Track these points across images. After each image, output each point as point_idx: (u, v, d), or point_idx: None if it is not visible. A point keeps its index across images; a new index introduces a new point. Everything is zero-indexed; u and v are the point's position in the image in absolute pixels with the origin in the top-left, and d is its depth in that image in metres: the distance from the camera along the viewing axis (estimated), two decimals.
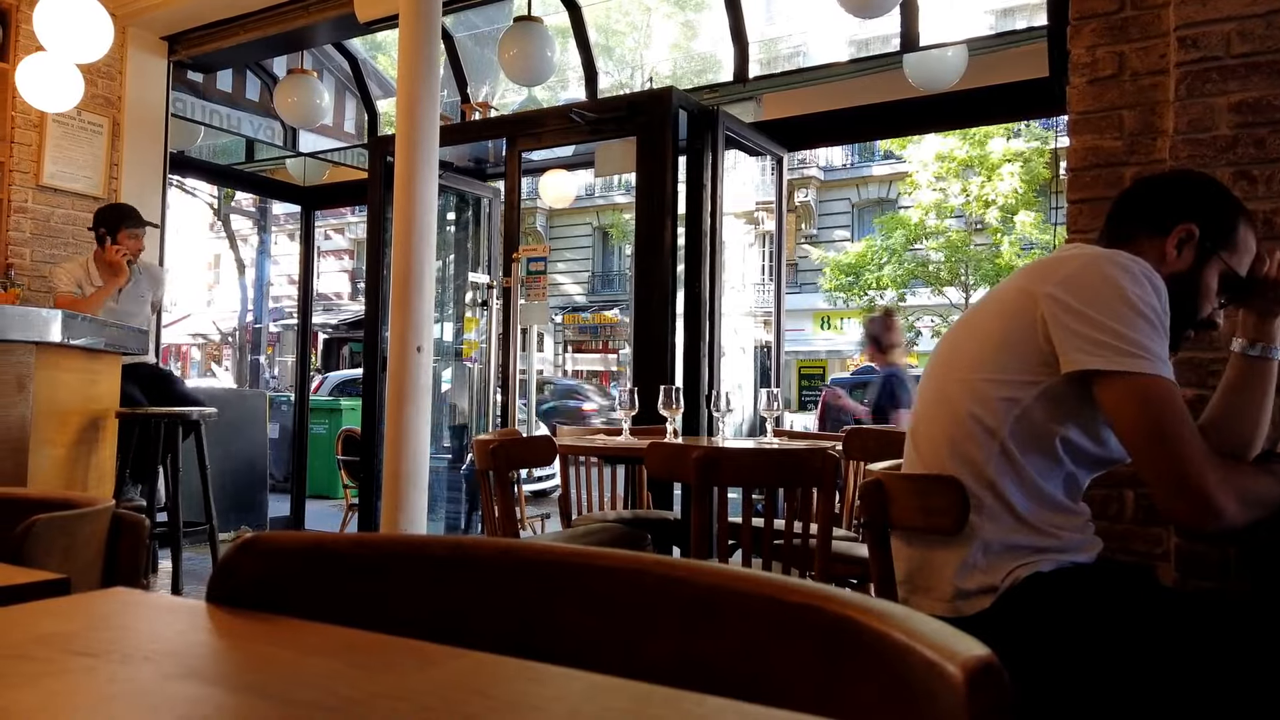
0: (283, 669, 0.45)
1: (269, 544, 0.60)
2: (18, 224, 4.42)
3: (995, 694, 0.38)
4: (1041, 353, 1.30)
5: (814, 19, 17.92)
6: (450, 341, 5.77)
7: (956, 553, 1.34)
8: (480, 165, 5.67)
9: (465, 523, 5.53)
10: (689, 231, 4.06)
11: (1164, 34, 2.16)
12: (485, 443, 2.42)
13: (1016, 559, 1.31)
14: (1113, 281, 1.26)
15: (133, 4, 4.64)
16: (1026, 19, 13.75)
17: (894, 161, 17.81)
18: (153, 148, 4.96)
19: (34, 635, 0.48)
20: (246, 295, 16.31)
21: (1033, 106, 4.23)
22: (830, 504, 2.14)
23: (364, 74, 6.09)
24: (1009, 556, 1.31)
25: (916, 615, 0.44)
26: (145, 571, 1.97)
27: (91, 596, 0.59)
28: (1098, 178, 2.26)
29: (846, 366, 16.76)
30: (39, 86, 3.87)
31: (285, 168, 6.73)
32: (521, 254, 4.50)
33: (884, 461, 1.60)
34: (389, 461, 2.45)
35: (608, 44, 18.65)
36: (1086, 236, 2.25)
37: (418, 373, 2.45)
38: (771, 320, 4.92)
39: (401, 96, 2.48)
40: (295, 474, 6.22)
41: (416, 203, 2.46)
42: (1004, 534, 1.32)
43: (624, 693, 0.41)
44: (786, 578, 0.50)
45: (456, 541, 0.61)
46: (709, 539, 2.07)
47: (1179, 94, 2.01)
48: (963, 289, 15.25)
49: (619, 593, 0.54)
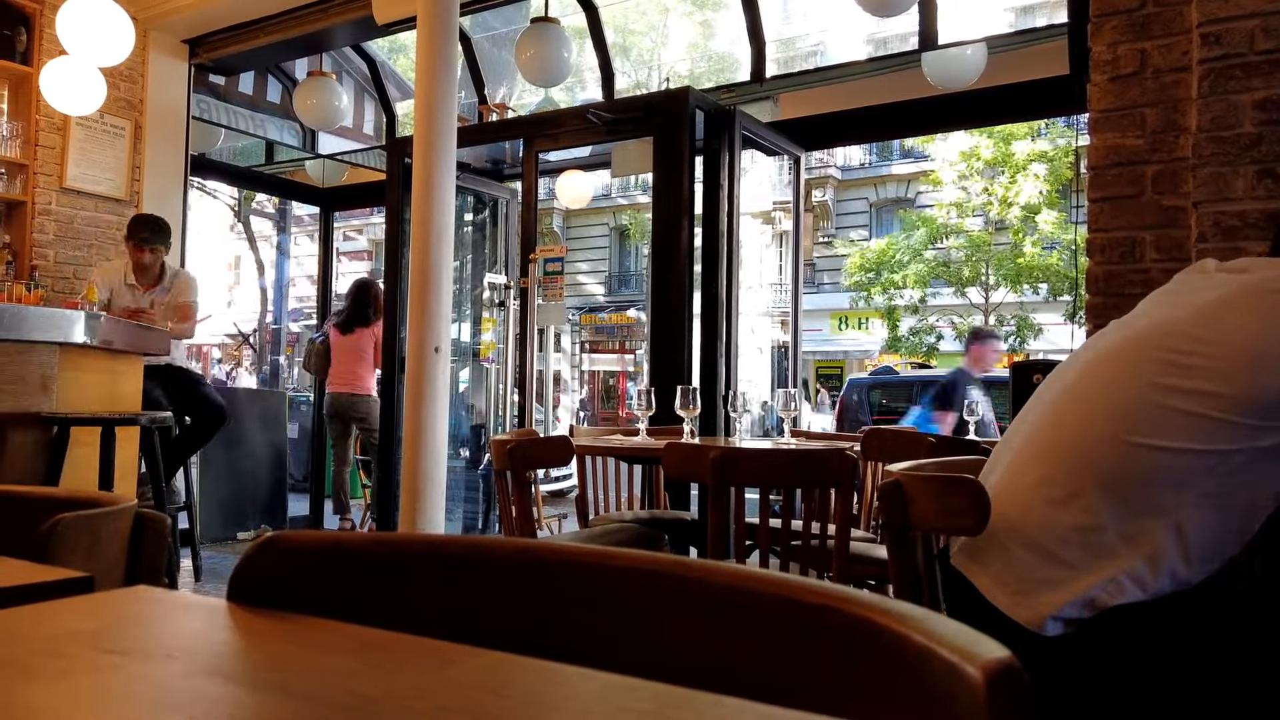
0: (302, 667, 0.46)
1: (288, 543, 0.60)
2: (41, 226, 4.47)
3: (1016, 696, 0.38)
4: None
5: (831, 18, 17.87)
6: (468, 342, 5.80)
7: (1082, 580, 1.22)
8: (498, 166, 5.69)
9: (483, 522, 5.55)
10: (706, 231, 4.05)
11: (1186, 31, 2.14)
12: (502, 443, 2.42)
13: (1123, 589, 1.20)
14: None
15: (154, 8, 4.69)
16: (1047, 16, 13.66)
17: (912, 160, 17.71)
18: (174, 150, 5.01)
19: (61, 632, 0.49)
20: (266, 296, 16.43)
21: (1053, 105, 4.20)
22: (848, 505, 2.13)
23: (382, 76, 6.12)
24: (1116, 586, 1.20)
25: (935, 617, 0.44)
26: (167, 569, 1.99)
27: (115, 595, 0.60)
28: (1119, 176, 2.24)
29: (865, 367, 16.68)
30: (62, 90, 3.91)
31: (305, 169, 6.78)
32: (538, 254, 4.51)
33: (902, 462, 1.59)
34: (407, 461, 2.47)
35: (624, 44, 18.66)
36: (1108, 235, 2.23)
37: (435, 373, 2.47)
38: (789, 320, 4.90)
39: (419, 98, 2.49)
40: (314, 474, 6.26)
41: (434, 204, 2.47)
42: (1117, 554, 1.21)
43: (641, 693, 0.41)
44: (804, 578, 0.50)
45: (474, 541, 0.61)
46: (726, 539, 2.06)
47: (1202, 91, 1.99)
48: (984, 289, 15.13)
49: (636, 593, 0.54)
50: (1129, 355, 1.32)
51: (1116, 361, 1.34)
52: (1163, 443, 1.21)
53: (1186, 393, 1.21)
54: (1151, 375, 1.26)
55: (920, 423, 4.96)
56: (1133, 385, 1.28)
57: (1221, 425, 1.19)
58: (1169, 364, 1.25)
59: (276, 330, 16.20)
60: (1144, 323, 1.37)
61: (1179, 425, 1.21)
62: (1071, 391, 1.38)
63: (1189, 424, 1.20)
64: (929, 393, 5.24)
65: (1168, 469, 1.21)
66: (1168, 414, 1.22)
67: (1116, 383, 1.31)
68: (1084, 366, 1.39)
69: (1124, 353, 1.33)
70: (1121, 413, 1.27)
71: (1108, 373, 1.34)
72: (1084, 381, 1.37)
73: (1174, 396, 1.22)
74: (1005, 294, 14.93)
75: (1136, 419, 1.24)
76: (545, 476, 7.30)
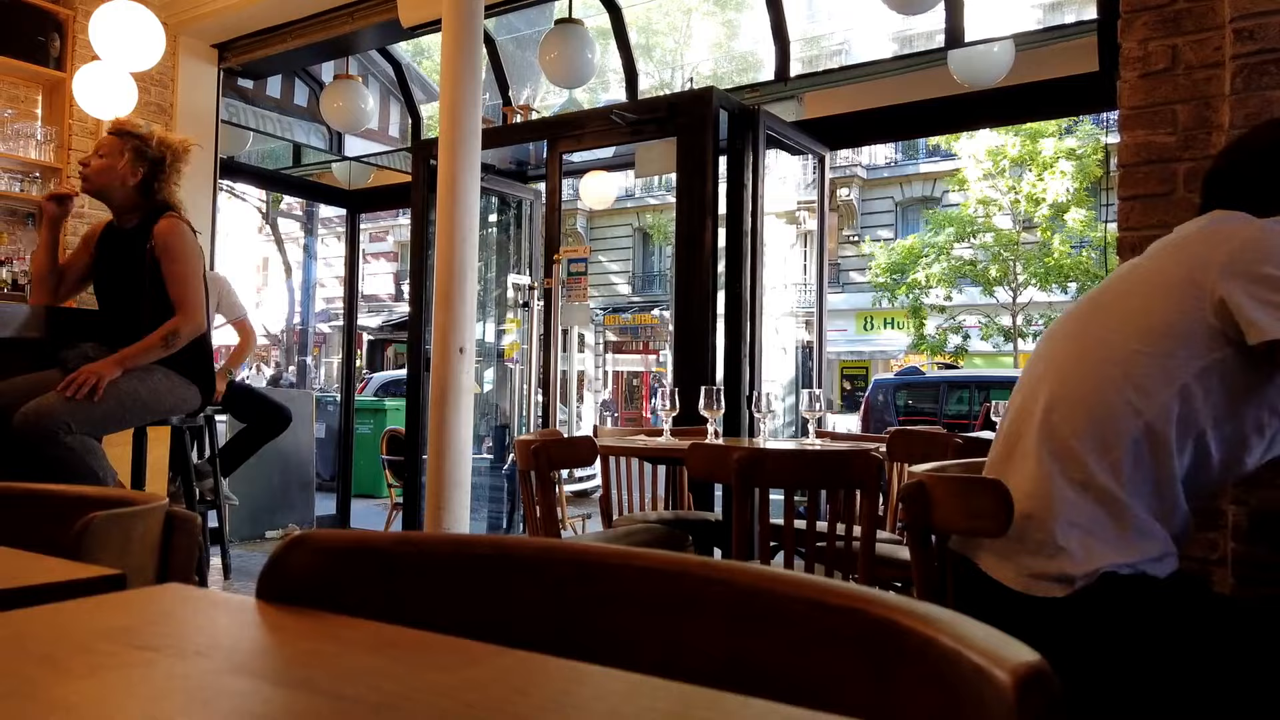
0: (329, 665, 0.46)
1: (316, 542, 0.61)
2: (74, 229, 4.54)
3: (1046, 700, 0.38)
4: (1210, 329, 1.26)
5: (857, 16, 17.76)
6: (492, 342, 5.82)
7: (1045, 527, 1.29)
8: (521, 167, 5.71)
9: (507, 522, 5.57)
10: (729, 231, 4.04)
11: (1219, 26, 2.11)
12: (527, 443, 2.43)
13: (1105, 556, 1.26)
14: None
15: (184, 13, 4.76)
16: (1075, 12, 13.50)
17: (938, 159, 17.55)
18: (203, 153, 5.06)
19: (95, 629, 0.50)
20: (294, 297, 16.60)
21: (1082, 102, 4.15)
22: (874, 506, 2.11)
23: (408, 79, 6.17)
24: (1098, 551, 1.26)
25: (963, 619, 0.43)
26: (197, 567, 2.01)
27: (147, 592, 0.60)
28: (1150, 174, 2.21)
29: (890, 367, 16.56)
30: (95, 95, 3.98)
31: (331, 171, 6.84)
32: (562, 255, 4.52)
33: (927, 463, 1.58)
34: (432, 461, 2.48)
35: (648, 44, 18.66)
36: (1139, 234, 2.20)
37: (460, 373, 2.48)
38: (813, 320, 4.88)
39: (444, 100, 2.51)
40: (341, 473, 6.32)
41: (459, 205, 2.48)
42: (1104, 521, 1.27)
43: (666, 693, 0.41)
44: (829, 580, 0.50)
45: (498, 541, 0.61)
46: (750, 540, 2.06)
47: (1235, 87, 1.95)
48: (1011, 289, 14.96)
49: (660, 593, 0.54)
50: (1091, 324, 1.42)
51: (1080, 331, 1.44)
52: (1134, 399, 1.29)
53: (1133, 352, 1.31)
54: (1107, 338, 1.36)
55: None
56: (1092, 354, 1.37)
57: (1156, 361, 1.28)
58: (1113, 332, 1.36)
59: (304, 331, 16.36)
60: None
61: (1146, 374, 1.29)
62: (1038, 363, 1.47)
63: (1152, 370, 1.28)
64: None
65: (1137, 424, 1.28)
66: (1130, 366, 1.31)
67: (1074, 355, 1.40)
68: (1050, 340, 1.49)
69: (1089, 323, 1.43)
70: (1088, 382, 1.35)
71: (1061, 347, 1.44)
72: (1045, 356, 1.46)
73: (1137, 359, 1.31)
74: (1034, 293, 14.76)
75: (1099, 384, 1.33)
76: (569, 477, 7.32)
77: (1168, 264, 1.35)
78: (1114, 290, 1.43)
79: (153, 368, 2.73)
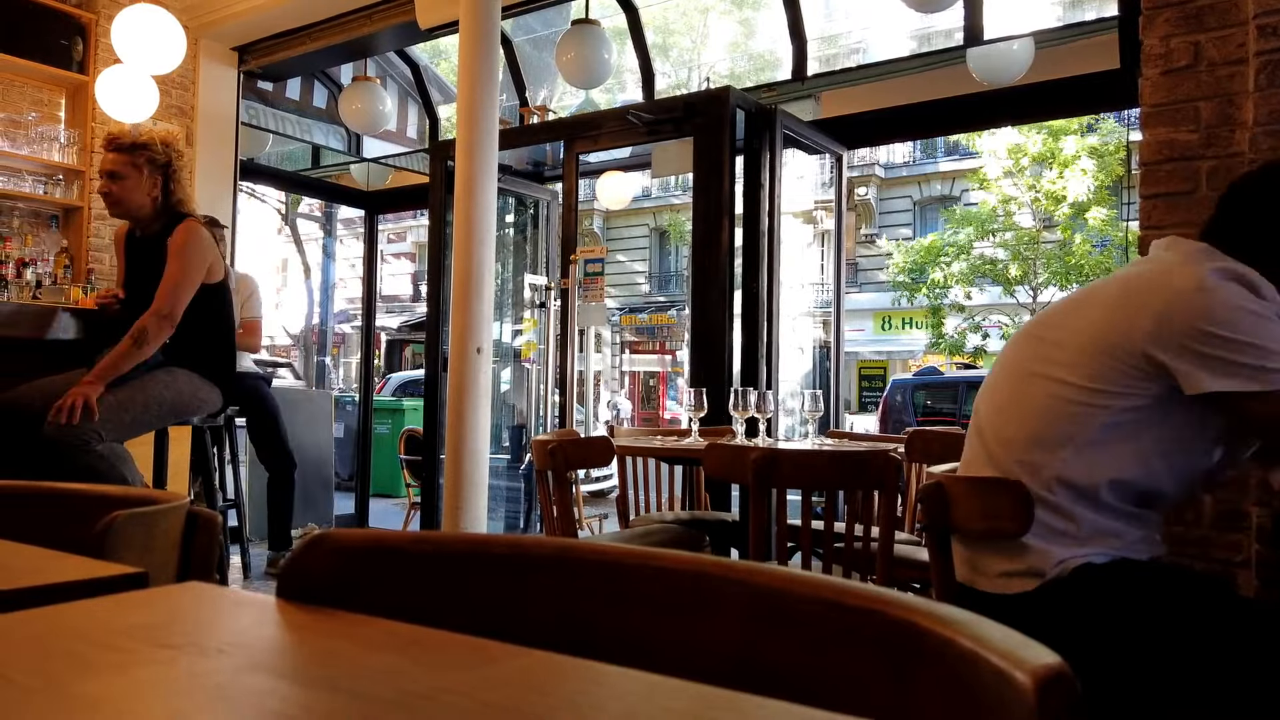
0: (349, 663, 0.46)
1: (335, 541, 0.61)
2: (97, 230, 4.60)
3: (1066, 703, 0.37)
4: (1143, 369, 1.29)
5: (874, 14, 17.68)
6: (509, 342, 5.84)
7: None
8: (538, 168, 5.72)
9: (524, 522, 5.58)
10: (746, 231, 4.03)
11: (1242, 22, 2.08)
12: (544, 443, 2.44)
13: (1069, 549, 1.30)
14: (1232, 303, 1.25)
15: (205, 16, 4.80)
16: (1096, 9, 13.36)
17: (957, 158, 17.44)
18: (224, 155, 5.12)
19: (118, 626, 0.50)
20: (313, 298, 16.71)
21: (1103, 100, 4.11)
22: (892, 506, 2.10)
23: (425, 80, 6.19)
24: (1061, 546, 1.31)
25: (983, 621, 0.43)
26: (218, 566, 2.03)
27: (169, 590, 0.61)
28: (1172, 172, 2.18)
29: (909, 367, 16.46)
30: (117, 97, 4.02)
31: (350, 173, 6.88)
32: (579, 255, 4.53)
33: (946, 464, 1.57)
34: (450, 461, 2.49)
35: (664, 44, 18.65)
36: (1161, 233, 2.17)
37: (477, 374, 2.49)
38: (831, 320, 4.87)
39: (462, 102, 2.51)
40: (359, 473, 6.35)
41: (476, 206, 2.49)
42: (1064, 526, 1.32)
43: (683, 694, 0.41)
44: (847, 581, 0.49)
45: (515, 540, 0.61)
46: (768, 541, 2.05)
47: (1259, 84, 1.93)
48: (1031, 288, 14.83)
49: (677, 593, 0.54)
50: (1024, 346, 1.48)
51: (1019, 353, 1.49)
52: (1073, 412, 1.33)
53: (1047, 378, 1.37)
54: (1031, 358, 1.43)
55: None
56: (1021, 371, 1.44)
57: (1076, 404, 1.32)
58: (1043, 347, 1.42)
59: (323, 332, 16.46)
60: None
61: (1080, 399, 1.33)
62: (996, 369, 1.54)
63: (1092, 385, 1.32)
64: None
65: (1075, 436, 1.32)
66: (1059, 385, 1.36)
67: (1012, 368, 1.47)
68: (1012, 346, 1.54)
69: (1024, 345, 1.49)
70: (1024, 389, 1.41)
71: (1015, 353, 1.50)
72: (1001, 363, 1.53)
73: (1040, 382, 1.38)
74: (1054, 292, 14.63)
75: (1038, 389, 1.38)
76: (586, 477, 7.33)
77: (1115, 295, 1.38)
78: (1071, 308, 1.46)
79: (176, 371, 2.75)
